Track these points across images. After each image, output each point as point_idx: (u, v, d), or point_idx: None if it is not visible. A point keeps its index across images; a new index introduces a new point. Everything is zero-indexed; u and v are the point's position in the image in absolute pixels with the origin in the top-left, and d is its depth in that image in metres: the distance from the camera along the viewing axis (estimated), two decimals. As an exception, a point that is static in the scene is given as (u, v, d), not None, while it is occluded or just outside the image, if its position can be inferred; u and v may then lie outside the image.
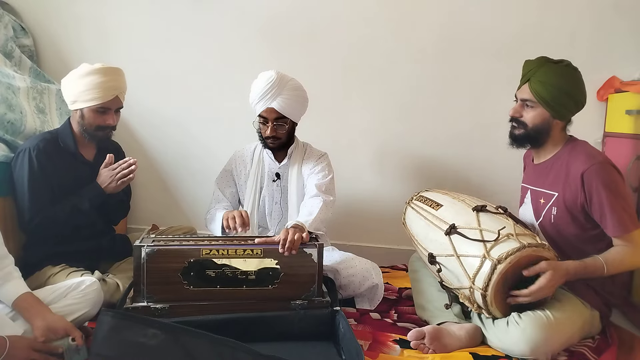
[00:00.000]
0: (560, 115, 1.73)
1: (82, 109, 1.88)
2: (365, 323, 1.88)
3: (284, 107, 2.01)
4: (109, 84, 1.86)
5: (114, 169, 1.88)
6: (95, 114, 1.88)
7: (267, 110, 2.02)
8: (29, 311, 1.51)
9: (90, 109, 1.87)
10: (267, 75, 2.02)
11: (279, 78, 2.01)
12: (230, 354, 1.33)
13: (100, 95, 1.84)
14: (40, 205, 1.84)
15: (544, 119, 1.73)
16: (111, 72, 1.88)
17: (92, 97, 1.84)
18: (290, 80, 2.05)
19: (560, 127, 1.77)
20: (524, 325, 1.55)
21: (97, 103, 1.85)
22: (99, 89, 1.84)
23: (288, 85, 2.03)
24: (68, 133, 1.94)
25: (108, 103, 1.88)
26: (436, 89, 2.58)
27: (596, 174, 1.63)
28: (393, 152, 2.66)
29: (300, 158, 2.17)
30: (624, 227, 1.62)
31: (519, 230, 1.62)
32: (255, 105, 2.05)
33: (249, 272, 1.71)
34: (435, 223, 1.79)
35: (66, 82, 1.89)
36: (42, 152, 1.85)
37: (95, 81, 1.83)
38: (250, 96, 2.06)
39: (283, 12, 2.61)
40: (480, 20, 2.50)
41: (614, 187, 1.62)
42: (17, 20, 2.65)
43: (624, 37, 2.39)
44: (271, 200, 2.18)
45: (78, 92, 1.85)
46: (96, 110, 1.87)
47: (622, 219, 1.61)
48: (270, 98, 2.00)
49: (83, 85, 1.84)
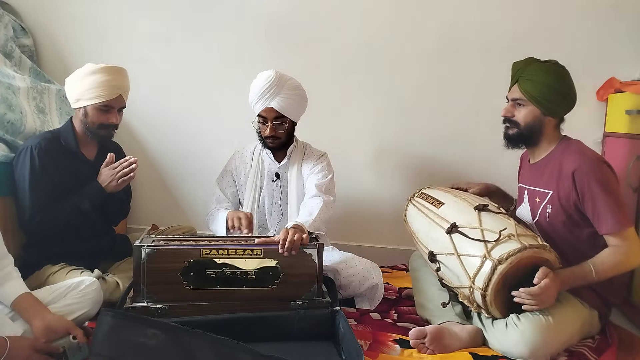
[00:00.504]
0: (550, 112, 1.73)
1: (85, 106, 1.88)
2: (365, 323, 1.88)
3: (283, 106, 2.01)
4: (113, 82, 1.87)
5: (114, 167, 1.88)
6: (99, 112, 1.89)
7: (266, 110, 2.02)
8: (28, 311, 1.51)
9: (93, 107, 1.88)
10: (266, 75, 2.02)
11: (278, 77, 2.01)
12: (230, 354, 1.33)
13: (104, 93, 1.85)
14: (40, 203, 1.84)
15: (535, 116, 1.74)
16: (115, 71, 1.89)
17: (96, 95, 1.85)
18: (290, 80, 2.05)
19: (552, 125, 1.77)
20: (523, 328, 1.55)
21: (100, 101, 1.86)
22: (103, 87, 1.85)
23: (287, 85, 2.03)
24: (70, 132, 1.95)
25: (111, 101, 1.89)
26: (436, 89, 2.58)
27: (587, 171, 1.62)
28: (393, 152, 2.66)
29: (299, 158, 2.17)
30: (617, 224, 1.60)
31: (520, 230, 1.62)
32: (254, 104, 2.05)
33: (249, 272, 1.71)
34: (437, 221, 1.79)
35: (70, 80, 1.90)
36: (44, 151, 1.86)
37: (100, 79, 1.84)
38: (250, 96, 2.06)
39: (283, 12, 2.61)
40: (480, 21, 2.50)
41: (606, 184, 1.61)
42: (17, 20, 2.65)
43: (624, 37, 2.39)
44: (271, 200, 2.18)
45: (82, 90, 1.86)
46: (99, 109, 1.88)
47: (614, 216, 1.60)
48: (269, 97, 2.00)
49: (87, 84, 1.85)
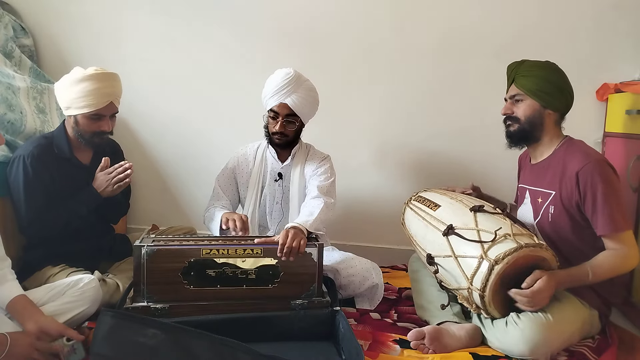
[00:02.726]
0: (549, 105, 1.75)
1: (75, 115, 1.84)
2: (365, 323, 1.88)
3: (297, 105, 2.03)
4: (103, 90, 1.81)
5: (109, 172, 1.85)
6: (90, 121, 1.84)
7: (280, 106, 2.03)
8: (21, 314, 1.49)
9: (84, 116, 1.83)
10: (285, 71, 2.04)
11: (297, 76, 2.04)
12: (230, 354, 1.33)
13: (94, 102, 1.80)
14: (36, 211, 1.82)
15: (535, 109, 1.77)
16: (105, 77, 1.83)
17: (86, 104, 1.80)
18: (307, 81, 2.08)
19: (553, 120, 1.78)
20: (522, 326, 1.55)
21: (90, 110, 1.81)
22: (93, 96, 1.79)
23: (304, 85, 2.05)
24: (63, 138, 1.90)
25: (102, 110, 1.83)
26: (437, 89, 2.58)
27: (591, 171, 1.63)
28: (393, 152, 2.66)
29: (303, 159, 2.18)
30: (615, 226, 1.60)
31: (516, 230, 1.61)
32: (268, 99, 2.06)
33: (249, 272, 1.71)
34: (433, 224, 1.79)
35: (59, 87, 1.85)
36: (37, 159, 1.82)
37: (89, 88, 1.78)
38: (264, 90, 2.07)
39: (284, 12, 2.61)
40: (480, 20, 2.50)
41: (609, 185, 1.62)
42: (17, 20, 2.65)
43: (624, 37, 2.39)
44: (272, 200, 2.18)
45: (71, 98, 1.81)
46: (90, 117, 1.83)
47: (613, 217, 1.60)
48: (286, 94, 2.01)
49: (76, 92, 1.79)
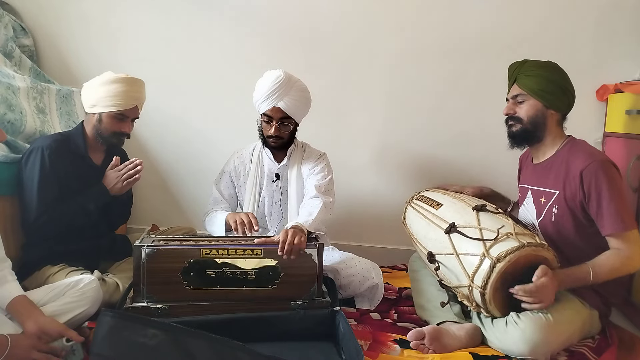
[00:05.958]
0: (551, 104, 1.75)
1: (100, 113, 1.90)
2: (365, 323, 1.88)
3: (290, 107, 2.01)
4: (131, 93, 1.90)
5: (120, 169, 1.91)
6: (113, 120, 1.91)
7: (273, 110, 2.02)
8: (21, 314, 1.49)
9: (108, 115, 1.90)
10: (275, 75, 2.01)
11: (287, 78, 2.01)
12: (230, 354, 1.33)
13: (121, 102, 1.88)
14: (47, 204, 1.84)
15: (537, 109, 1.77)
16: (134, 82, 1.92)
17: (113, 103, 1.88)
18: (297, 81, 2.05)
19: (555, 120, 1.78)
20: (523, 326, 1.55)
21: (116, 109, 1.89)
22: (121, 97, 1.88)
23: (295, 86, 2.03)
24: (80, 136, 1.97)
25: (127, 111, 1.92)
26: (437, 89, 2.58)
27: (595, 171, 1.63)
28: (393, 152, 2.66)
29: (299, 158, 2.17)
30: (620, 225, 1.61)
31: (518, 229, 1.62)
32: (260, 103, 2.04)
33: (249, 272, 1.71)
34: (435, 222, 1.80)
35: (88, 86, 1.93)
36: (55, 152, 1.87)
37: (118, 89, 1.87)
38: (255, 94, 2.05)
39: (284, 12, 2.61)
40: (481, 21, 2.50)
41: (612, 185, 1.62)
42: (17, 20, 2.65)
43: (624, 37, 2.39)
44: (271, 201, 2.18)
45: (99, 97, 1.88)
46: (114, 117, 1.91)
47: (618, 216, 1.61)
48: (277, 97, 1.99)
49: (105, 92, 1.87)
